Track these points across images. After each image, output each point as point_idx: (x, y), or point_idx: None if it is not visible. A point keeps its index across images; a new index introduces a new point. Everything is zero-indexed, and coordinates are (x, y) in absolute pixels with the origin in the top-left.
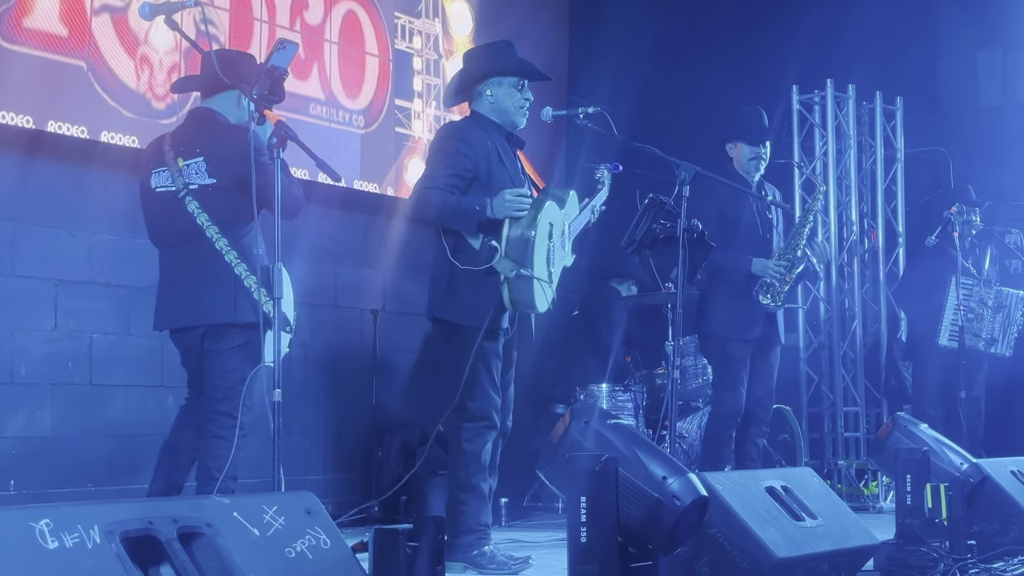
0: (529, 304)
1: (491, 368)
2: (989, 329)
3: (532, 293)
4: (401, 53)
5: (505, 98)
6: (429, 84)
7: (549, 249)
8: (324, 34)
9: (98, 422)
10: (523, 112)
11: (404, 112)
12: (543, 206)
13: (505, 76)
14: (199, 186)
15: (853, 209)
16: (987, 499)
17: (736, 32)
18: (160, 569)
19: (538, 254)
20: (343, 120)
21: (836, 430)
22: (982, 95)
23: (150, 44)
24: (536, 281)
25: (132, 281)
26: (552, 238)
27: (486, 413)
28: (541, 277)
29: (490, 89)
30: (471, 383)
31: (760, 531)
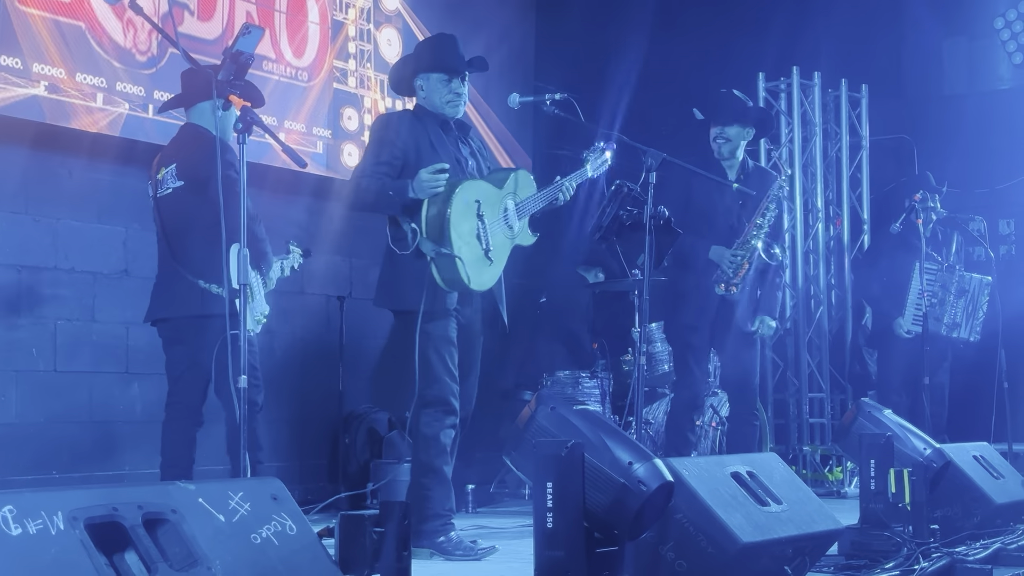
0: (458, 283)
1: (442, 352)
2: (951, 314)
3: (457, 271)
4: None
5: (433, 92)
6: (361, 48)
7: (479, 227)
8: (275, 5)
9: (62, 409)
10: (452, 105)
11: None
12: (459, 184)
13: (431, 72)
14: (171, 190)
15: (818, 196)
16: (950, 484)
17: (703, 20)
18: (125, 555)
19: (457, 231)
20: (290, 75)
21: (801, 416)
22: (947, 83)
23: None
24: (456, 260)
25: (97, 267)
26: (484, 216)
27: (441, 398)
28: (460, 255)
29: (421, 83)
30: (423, 369)
31: (725, 516)
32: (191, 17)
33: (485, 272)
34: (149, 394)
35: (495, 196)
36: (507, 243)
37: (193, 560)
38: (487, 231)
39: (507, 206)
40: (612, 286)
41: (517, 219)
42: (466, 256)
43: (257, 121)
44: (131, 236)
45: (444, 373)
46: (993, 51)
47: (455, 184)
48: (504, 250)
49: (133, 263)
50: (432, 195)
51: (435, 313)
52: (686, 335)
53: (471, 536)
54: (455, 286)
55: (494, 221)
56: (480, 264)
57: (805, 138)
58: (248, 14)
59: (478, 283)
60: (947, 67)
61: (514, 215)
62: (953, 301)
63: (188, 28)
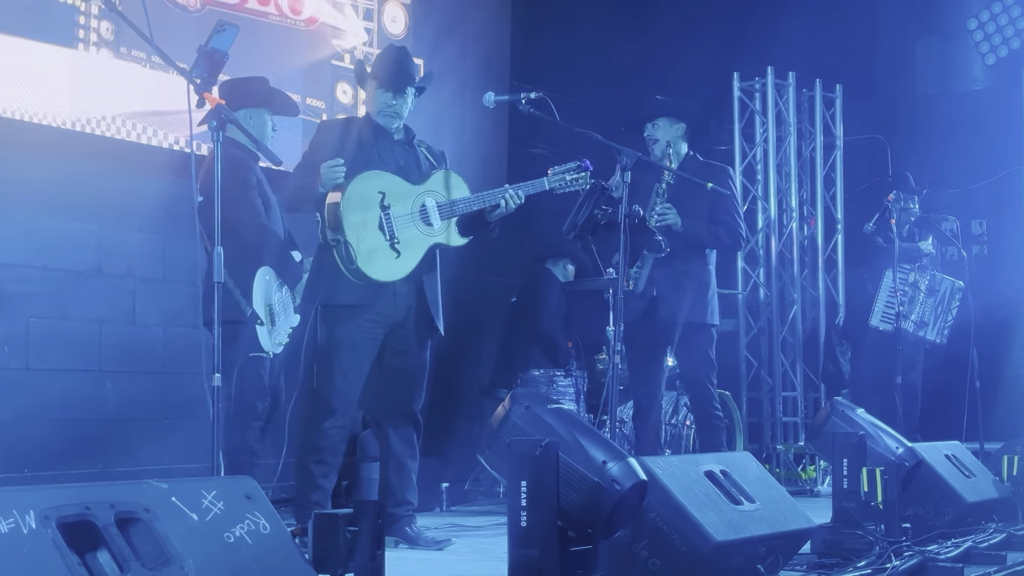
0: (357, 271)
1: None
2: (919, 312)
3: (356, 260)
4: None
5: (371, 100)
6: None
7: (381, 217)
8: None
9: (34, 407)
10: (383, 116)
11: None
12: (357, 175)
13: (372, 80)
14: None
15: (793, 196)
16: (922, 483)
17: (678, 20)
18: (97, 554)
19: (348, 220)
20: (289, 24)
21: (775, 415)
22: (920, 83)
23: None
24: (345, 245)
25: (70, 265)
26: (390, 207)
27: (324, 397)
28: (350, 240)
29: (367, 90)
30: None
31: (699, 515)
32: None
33: (390, 263)
34: (122, 392)
35: (407, 191)
36: (423, 239)
37: (166, 559)
38: (392, 222)
39: (425, 203)
40: (586, 285)
41: (439, 218)
42: (364, 244)
43: (232, 119)
44: (105, 234)
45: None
46: (966, 52)
47: (353, 175)
48: (418, 245)
49: (106, 261)
50: (332, 186)
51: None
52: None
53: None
54: (357, 275)
55: (404, 215)
56: (383, 254)
57: (779, 138)
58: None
59: (380, 272)
60: (920, 68)
61: (435, 213)
62: (923, 299)
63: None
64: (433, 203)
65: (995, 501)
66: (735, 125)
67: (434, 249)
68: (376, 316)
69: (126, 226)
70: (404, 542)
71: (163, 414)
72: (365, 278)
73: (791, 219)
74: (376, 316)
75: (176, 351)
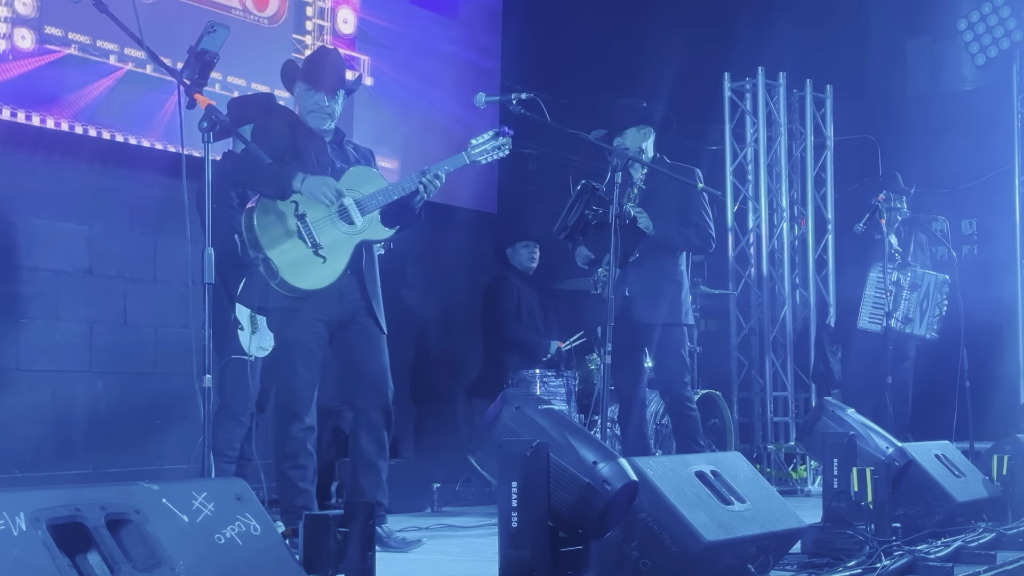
0: (287, 286)
1: (291, 353)
2: (904, 308)
3: (280, 273)
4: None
5: (299, 101)
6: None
7: (299, 227)
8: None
9: (25, 407)
10: (313, 116)
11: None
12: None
13: (300, 81)
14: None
15: (783, 196)
16: (912, 482)
17: (669, 20)
18: (88, 556)
19: (265, 237)
20: (254, 20)
21: (766, 415)
22: (910, 84)
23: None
24: (271, 262)
25: (59, 266)
26: (305, 215)
27: (285, 402)
28: (270, 255)
29: (296, 90)
30: (276, 371)
31: (689, 515)
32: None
33: (317, 269)
34: (113, 393)
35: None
36: (347, 239)
37: (157, 561)
38: (311, 229)
39: (343, 203)
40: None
41: (360, 214)
42: (285, 256)
43: (223, 120)
44: (95, 235)
45: (292, 376)
46: (956, 52)
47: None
48: (343, 246)
49: (97, 262)
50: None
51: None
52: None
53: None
54: (285, 288)
55: (321, 219)
56: (308, 262)
57: (770, 138)
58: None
59: (308, 281)
60: (911, 68)
61: (354, 210)
62: (906, 295)
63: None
64: (351, 201)
65: (985, 501)
66: (726, 125)
67: (361, 246)
68: (318, 313)
69: (116, 227)
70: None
71: (154, 415)
72: (294, 290)
73: (782, 219)
74: (318, 313)
75: (167, 352)
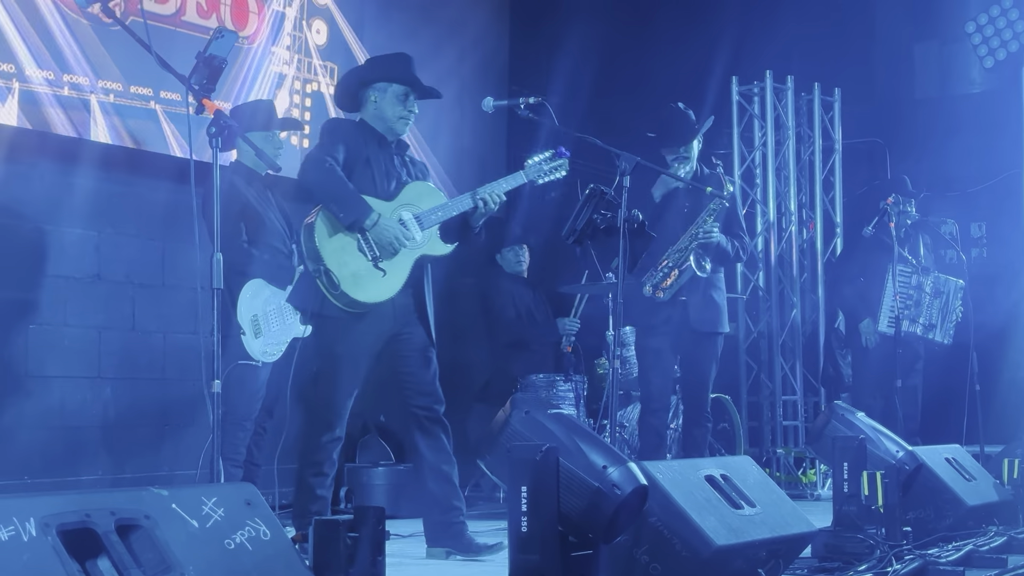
0: (346, 298)
1: (339, 366)
2: (927, 315)
3: (340, 286)
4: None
5: (387, 106)
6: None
7: (359, 240)
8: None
9: (34, 413)
10: (404, 122)
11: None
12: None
13: (390, 83)
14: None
15: (792, 199)
16: (922, 486)
17: (677, 24)
18: (98, 562)
19: (325, 249)
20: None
21: (775, 418)
22: (919, 87)
23: None
24: (327, 274)
25: (68, 271)
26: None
27: (321, 413)
28: (332, 268)
29: (375, 95)
30: (318, 379)
31: (699, 519)
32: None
33: (377, 283)
34: (121, 399)
35: (381, 208)
36: (407, 253)
37: (166, 566)
38: (371, 243)
39: (402, 217)
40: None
41: (419, 229)
42: (346, 269)
43: (231, 125)
44: (104, 241)
45: (332, 389)
46: (964, 55)
47: (362, 190)
48: (402, 260)
49: (106, 267)
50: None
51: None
52: (641, 338)
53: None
54: (344, 301)
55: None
56: (369, 277)
57: (778, 141)
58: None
59: (368, 295)
60: (919, 71)
61: (414, 225)
62: (929, 302)
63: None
64: (410, 216)
65: (996, 504)
66: (734, 129)
67: (420, 261)
68: (372, 326)
69: (125, 232)
70: (457, 552)
71: (163, 420)
72: (354, 303)
73: (790, 223)
74: (372, 326)
75: (175, 357)
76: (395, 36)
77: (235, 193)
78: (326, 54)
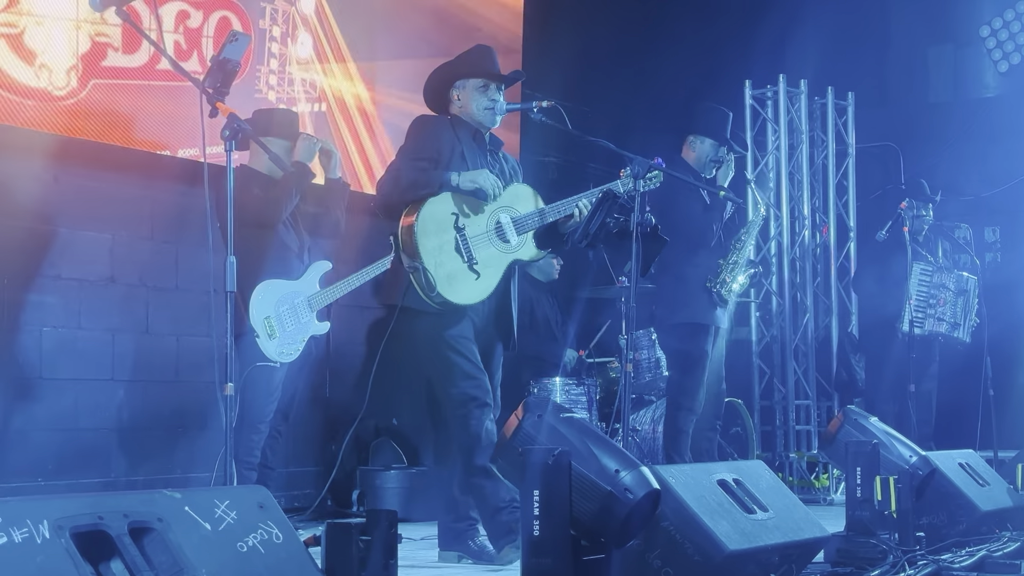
0: (436, 296)
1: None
2: (952, 313)
3: (436, 287)
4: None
5: (469, 100)
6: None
7: (456, 239)
8: (203, 32)
9: (48, 416)
10: (489, 113)
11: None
12: (427, 199)
13: (468, 79)
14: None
15: (805, 203)
16: (936, 491)
17: (691, 27)
18: (111, 564)
19: (424, 246)
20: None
21: (788, 423)
22: (933, 91)
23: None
24: (423, 272)
25: (81, 274)
26: (464, 228)
27: (468, 396)
28: (428, 267)
29: (456, 92)
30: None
31: (712, 524)
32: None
33: (470, 285)
34: (135, 401)
35: (480, 209)
36: (501, 257)
37: (179, 569)
38: (469, 243)
39: (500, 219)
40: (599, 293)
41: (515, 233)
42: (442, 269)
43: (244, 128)
44: (117, 243)
45: (467, 368)
46: (978, 59)
47: (424, 197)
48: (496, 264)
49: (119, 270)
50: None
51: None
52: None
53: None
54: (439, 301)
55: (479, 234)
56: (462, 277)
57: (792, 145)
58: (177, 43)
59: (461, 296)
60: (933, 75)
61: (511, 229)
62: (953, 299)
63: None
64: (508, 219)
65: (1009, 510)
66: (747, 133)
67: (513, 265)
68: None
69: (138, 235)
70: (468, 557)
71: (176, 423)
72: (447, 303)
73: (803, 227)
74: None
75: (189, 360)
76: (408, 40)
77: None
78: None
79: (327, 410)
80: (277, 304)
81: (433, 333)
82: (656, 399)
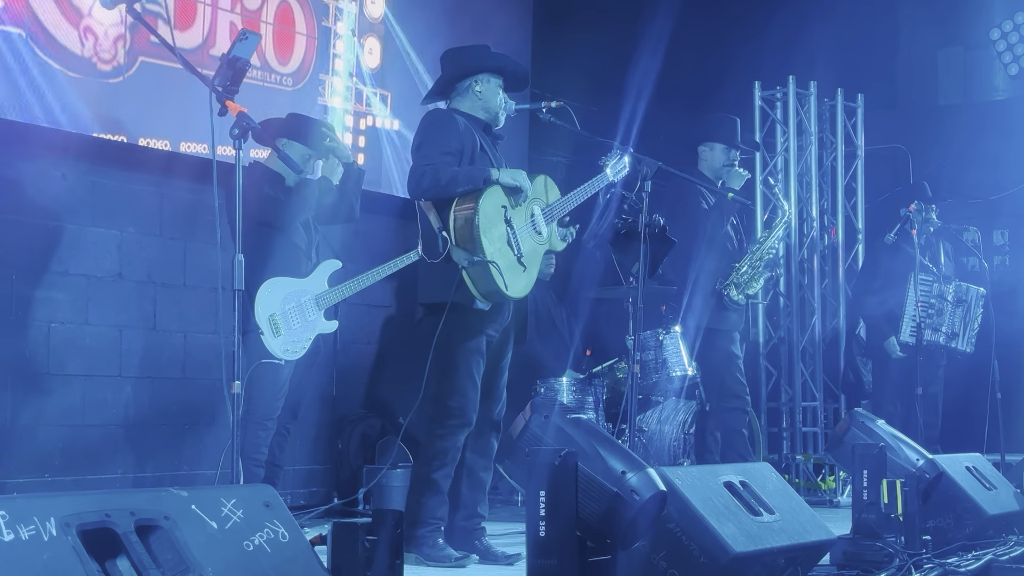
0: (496, 292)
1: (471, 365)
2: (949, 323)
3: (493, 279)
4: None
5: (492, 95)
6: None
7: (508, 233)
8: (261, 16)
9: (55, 411)
10: (504, 113)
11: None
12: (485, 189)
13: (493, 75)
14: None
15: (813, 205)
16: (942, 494)
17: (700, 29)
18: (117, 562)
19: (488, 237)
20: (275, 81)
21: (794, 425)
22: (942, 93)
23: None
24: (491, 266)
25: (89, 270)
26: (512, 221)
27: (459, 411)
28: (495, 260)
29: (479, 85)
30: (447, 377)
31: (717, 526)
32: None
33: (520, 279)
34: (142, 398)
35: (519, 202)
36: (538, 249)
37: (185, 567)
38: (517, 237)
39: (534, 211)
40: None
41: (545, 224)
42: (501, 263)
43: (253, 127)
44: (125, 239)
45: (468, 384)
46: (988, 62)
47: (480, 190)
48: (536, 256)
49: (127, 266)
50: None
51: (468, 321)
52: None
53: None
54: (492, 297)
55: (522, 227)
56: (514, 271)
57: (800, 147)
58: (232, 24)
59: (515, 290)
60: (942, 77)
61: (542, 220)
62: (951, 310)
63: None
64: (539, 210)
65: (1016, 513)
66: (756, 134)
67: (543, 257)
68: (495, 324)
69: (147, 232)
70: (474, 555)
71: (183, 420)
72: (504, 297)
73: (812, 228)
74: (495, 324)
75: (196, 357)
76: (418, 38)
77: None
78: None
79: (334, 408)
80: (283, 302)
81: (454, 339)
82: (663, 400)
